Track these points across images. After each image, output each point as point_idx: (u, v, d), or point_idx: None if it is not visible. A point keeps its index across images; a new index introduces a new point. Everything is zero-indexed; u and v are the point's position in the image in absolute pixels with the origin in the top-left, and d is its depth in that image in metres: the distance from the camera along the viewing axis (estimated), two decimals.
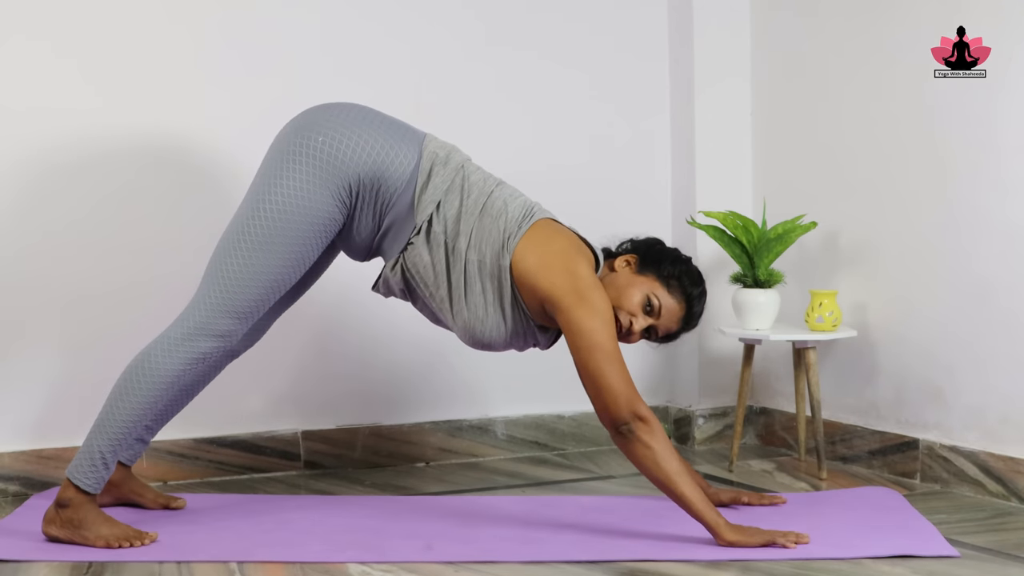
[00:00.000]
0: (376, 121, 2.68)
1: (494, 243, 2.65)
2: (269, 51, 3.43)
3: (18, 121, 3.18)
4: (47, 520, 2.62)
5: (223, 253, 2.64)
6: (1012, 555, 2.51)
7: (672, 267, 2.73)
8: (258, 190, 2.64)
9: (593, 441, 3.80)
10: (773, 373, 3.82)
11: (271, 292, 2.66)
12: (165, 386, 2.63)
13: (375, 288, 2.79)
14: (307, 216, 2.61)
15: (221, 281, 2.63)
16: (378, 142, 2.63)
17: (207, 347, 2.64)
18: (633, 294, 2.69)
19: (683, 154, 3.89)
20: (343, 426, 3.53)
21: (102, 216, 3.26)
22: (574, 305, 2.57)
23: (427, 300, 2.72)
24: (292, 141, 2.64)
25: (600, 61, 3.84)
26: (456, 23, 3.65)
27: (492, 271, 2.65)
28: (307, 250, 2.65)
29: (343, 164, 2.61)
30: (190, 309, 2.65)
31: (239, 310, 2.64)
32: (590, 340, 2.55)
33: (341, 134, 2.62)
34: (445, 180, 2.65)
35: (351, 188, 2.63)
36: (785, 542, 2.51)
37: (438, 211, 2.64)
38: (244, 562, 2.50)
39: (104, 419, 2.62)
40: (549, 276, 2.61)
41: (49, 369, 3.22)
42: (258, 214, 2.61)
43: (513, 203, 2.69)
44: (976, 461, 3.10)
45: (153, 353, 2.63)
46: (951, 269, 3.17)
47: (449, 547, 2.57)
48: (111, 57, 3.26)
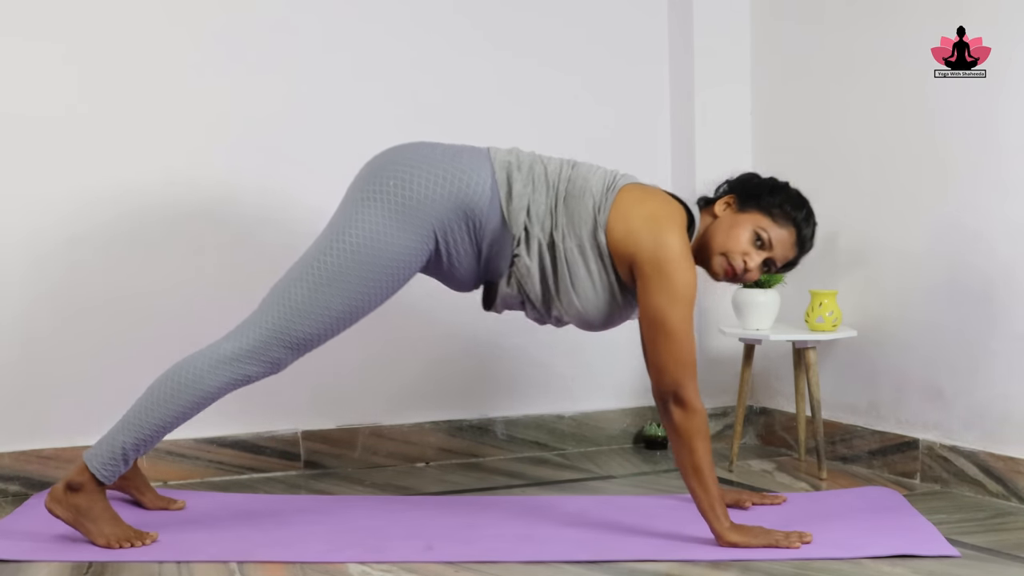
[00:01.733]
0: (439, 153, 2.65)
1: (586, 223, 2.62)
2: (270, 52, 3.42)
3: (25, 127, 3.18)
4: (53, 497, 2.60)
5: (290, 281, 2.61)
6: (1012, 555, 2.51)
7: (772, 197, 2.70)
8: (335, 227, 2.62)
9: (593, 441, 3.80)
10: (773, 373, 3.82)
11: (331, 328, 2.62)
12: (204, 400, 2.60)
13: (491, 309, 2.78)
14: (383, 256, 2.58)
15: (283, 308, 2.59)
16: (449, 173, 2.60)
17: (254, 371, 2.61)
18: (740, 233, 2.67)
19: (683, 155, 3.89)
20: (343, 426, 3.53)
21: (104, 222, 3.26)
22: (651, 275, 2.55)
23: (541, 302, 2.69)
24: (365, 187, 2.62)
25: (600, 62, 3.84)
26: (457, 24, 3.65)
27: (592, 251, 2.63)
28: (376, 291, 2.61)
29: (421, 204, 2.58)
30: (245, 329, 2.61)
31: (295, 341, 2.60)
32: (654, 315, 2.54)
33: (411, 175, 2.60)
34: (526, 183, 2.63)
35: (435, 229, 2.60)
36: (788, 543, 2.51)
37: (529, 215, 2.62)
38: (244, 562, 2.49)
39: (135, 417, 2.59)
40: (636, 242, 2.58)
41: (49, 370, 3.22)
42: (332, 249, 2.58)
43: (593, 178, 2.67)
44: (976, 461, 3.10)
45: (198, 366, 2.59)
46: (951, 269, 3.17)
47: (449, 547, 2.57)
48: (109, 57, 3.27)
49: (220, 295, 3.36)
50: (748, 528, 2.56)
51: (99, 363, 3.25)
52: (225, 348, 2.59)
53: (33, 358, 3.21)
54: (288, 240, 3.33)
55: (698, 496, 2.55)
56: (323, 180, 3.32)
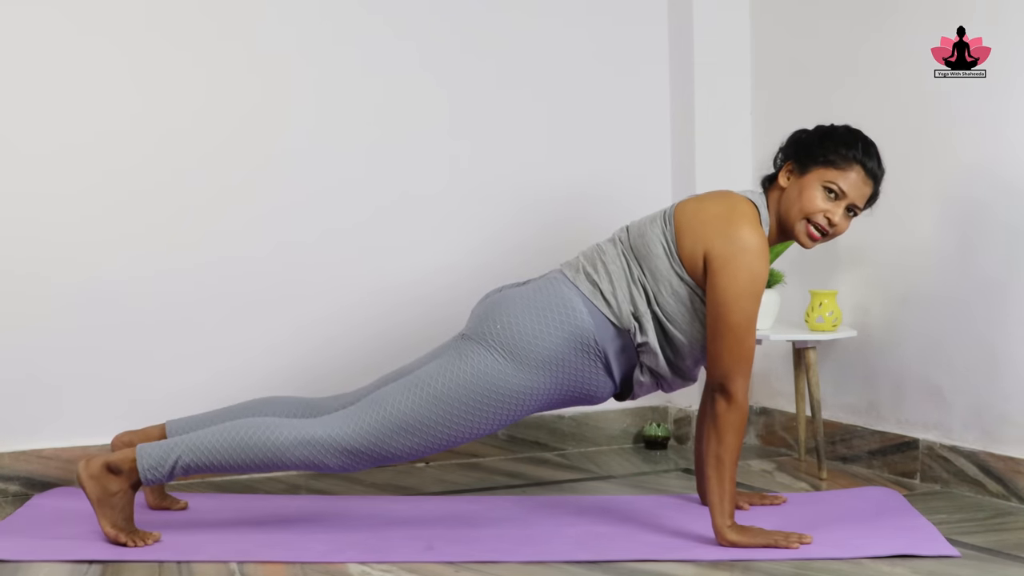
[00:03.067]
0: (528, 296, 2.65)
1: (667, 269, 2.63)
2: (272, 50, 3.42)
3: (31, 119, 3.18)
4: (90, 472, 2.56)
5: (403, 389, 2.60)
6: (1012, 555, 2.51)
7: (824, 147, 2.67)
8: (454, 353, 2.63)
9: (593, 441, 3.80)
10: (773, 373, 3.82)
11: (428, 447, 2.62)
12: (272, 466, 2.60)
13: (628, 399, 2.79)
14: (502, 387, 2.58)
15: (387, 416, 2.58)
16: (547, 319, 2.60)
17: (332, 463, 2.60)
18: (812, 196, 2.64)
19: (683, 155, 3.89)
20: None
21: (103, 215, 3.25)
22: (720, 268, 2.55)
23: (668, 372, 2.69)
24: (478, 331, 2.63)
25: (601, 62, 3.84)
26: (457, 24, 3.64)
27: (679, 291, 2.63)
28: (484, 422, 2.61)
29: (534, 356, 2.59)
30: (344, 421, 2.59)
31: (385, 454, 2.60)
32: (718, 304, 2.55)
33: (521, 326, 2.60)
34: (607, 280, 2.64)
35: (554, 365, 2.61)
36: (788, 544, 2.51)
37: (632, 303, 2.63)
38: (244, 562, 2.49)
39: (203, 446, 2.58)
40: (704, 243, 2.58)
41: (49, 370, 3.22)
42: (456, 368, 2.59)
43: (646, 226, 2.69)
44: (976, 461, 3.10)
45: (286, 435, 2.57)
46: (951, 269, 3.17)
47: (449, 547, 2.57)
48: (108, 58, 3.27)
49: (220, 297, 3.36)
50: (748, 528, 2.56)
51: (99, 363, 3.25)
52: (318, 432, 2.58)
53: (33, 358, 3.21)
54: (282, 238, 3.33)
55: (712, 487, 2.55)
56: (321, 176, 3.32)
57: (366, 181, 3.52)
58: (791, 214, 2.66)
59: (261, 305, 3.41)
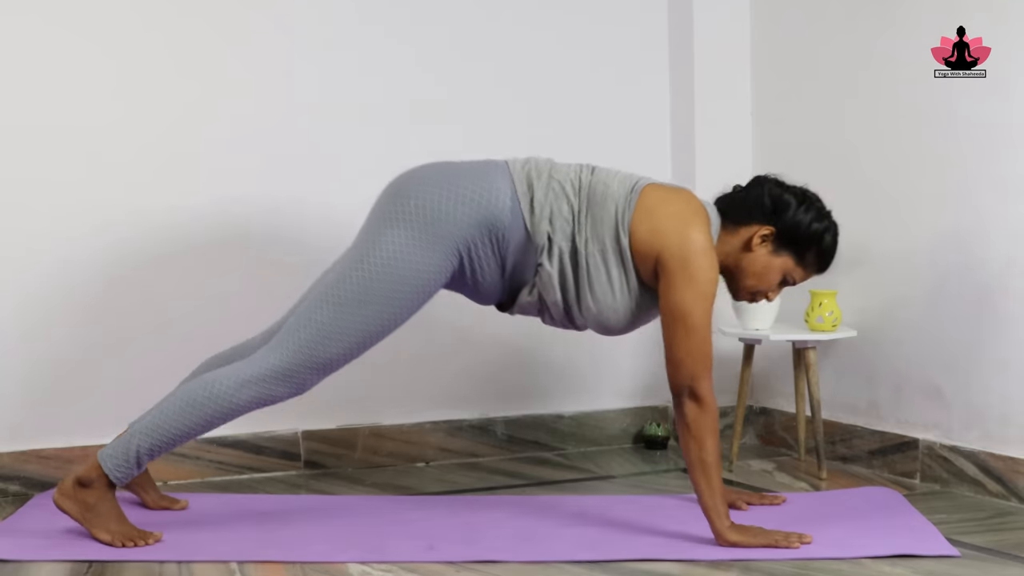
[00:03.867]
0: (459, 171, 2.67)
1: (610, 228, 2.63)
2: (270, 51, 3.43)
3: (19, 130, 3.19)
4: (62, 492, 2.60)
5: (315, 304, 2.61)
6: (1012, 555, 2.51)
7: (809, 248, 2.71)
8: (358, 249, 2.63)
9: (593, 441, 3.80)
10: (773, 373, 3.82)
11: (356, 348, 2.63)
12: (226, 416, 2.61)
13: (507, 312, 2.78)
14: (407, 275, 2.59)
15: (308, 331, 2.59)
16: (469, 190, 2.61)
17: (280, 392, 2.62)
18: (771, 280, 2.73)
19: (684, 155, 3.89)
20: (343, 426, 3.53)
21: (101, 220, 3.26)
22: (675, 270, 2.57)
23: (559, 308, 2.70)
24: (387, 209, 2.63)
25: (601, 62, 3.84)
26: (456, 23, 3.64)
27: (614, 255, 2.63)
28: (401, 309, 2.62)
29: (443, 224, 2.59)
30: (272, 351, 2.61)
31: (321, 363, 2.60)
32: (677, 309, 2.56)
33: (432, 194, 2.61)
34: (546, 193, 2.64)
35: (459, 246, 2.60)
36: (788, 543, 2.52)
37: (552, 224, 2.63)
38: (244, 562, 2.49)
39: (154, 425, 2.60)
40: (662, 238, 2.60)
41: (50, 370, 3.22)
42: (356, 270, 2.59)
43: (614, 183, 2.68)
44: (976, 461, 3.10)
45: (224, 383, 2.59)
46: (951, 269, 3.17)
47: (449, 547, 2.57)
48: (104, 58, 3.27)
49: (221, 299, 3.36)
50: (748, 528, 2.56)
51: (100, 363, 3.25)
52: (252, 369, 2.60)
53: (34, 358, 3.21)
54: (290, 245, 3.33)
55: (702, 492, 2.55)
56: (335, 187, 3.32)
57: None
58: (745, 275, 2.73)
59: (263, 307, 3.40)
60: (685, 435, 2.57)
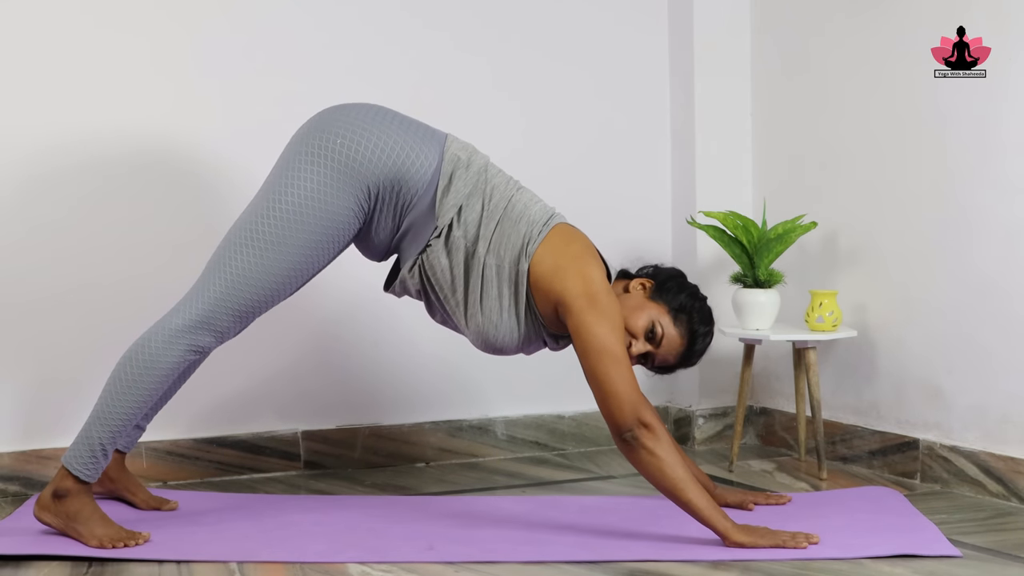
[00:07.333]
0: (395, 121, 2.65)
1: (514, 248, 2.63)
2: (267, 51, 3.42)
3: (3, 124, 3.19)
4: (41, 506, 2.61)
5: (229, 249, 2.59)
6: (1012, 555, 2.51)
7: (686, 300, 2.73)
8: (272, 188, 2.60)
9: (593, 441, 3.80)
10: (773, 373, 3.82)
11: (275, 295, 2.62)
12: (164, 376, 2.60)
13: (389, 289, 2.78)
14: (322, 218, 2.57)
15: (225, 277, 2.58)
16: (398, 143, 2.60)
17: (205, 341, 2.61)
18: (640, 317, 2.68)
19: (683, 154, 3.89)
20: (343, 426, 3.53)
21: (102, 215, 3.26)
22: (584, 308, 2.56)
23: (442, 302, 2.69)
24: (309, 142, 2.60)
25: (599, 61, 3.84)
26: (455, 23, 3.64)
27: (510, 276, 2.63)
28: (319, 254, 2.61)
29: (362, 166, 2.57)
30: (189, 301, 2.61)
31: (239, 310, 2.60)
32: (598, 344, 2.54)
33: (360, 135, 2.59)
34: (467, 184, 2.63)
35: (370, 190, 2.59)
36: (796, 544, 2.50)
37: (459, 215, 2.62)
38: (244, 562, 2.49)
39: (103, 409, 2.60)
40: (563, 279, 2.59)
41: (50, 369, 3.22)
42: (271, 212, 2.57)
43: (533, 207, 2.68)
44: (976, 461, 3.10)
45: (151, 344, 2.59)
46: (951, 269, 3.17)
47: (449, 547, 2.57)
48: (100, 59, 3.27)
49: None
50: (754, 528, 2.55)
51: (100, 363, 3.25)
52: (173, 322, 2.59)
53: (33, 358, 3.21)
54: None
55: (694, 504, 2.51)
56: None
57: None
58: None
59: None
60: (654, 467, 2.51)
